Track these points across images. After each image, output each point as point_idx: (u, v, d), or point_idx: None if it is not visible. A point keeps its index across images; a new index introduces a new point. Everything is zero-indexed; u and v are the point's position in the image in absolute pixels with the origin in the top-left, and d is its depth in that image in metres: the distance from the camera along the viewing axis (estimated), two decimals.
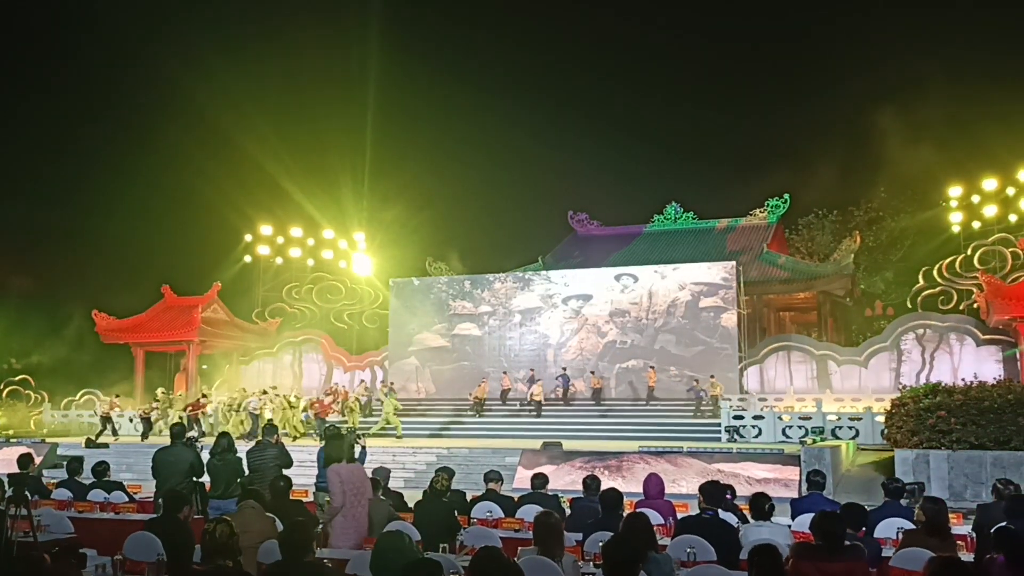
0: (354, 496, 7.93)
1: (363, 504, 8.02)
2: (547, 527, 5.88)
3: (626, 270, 32.30)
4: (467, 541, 7.73)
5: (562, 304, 32.06)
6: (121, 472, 19.23)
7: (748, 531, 7.46)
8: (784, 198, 40.77)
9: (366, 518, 7.96)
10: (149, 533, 6.84)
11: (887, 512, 8.26)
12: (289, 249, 39.93)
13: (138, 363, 33.88)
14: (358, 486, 8.02)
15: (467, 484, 12.81)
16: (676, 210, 42.27)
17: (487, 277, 33.91)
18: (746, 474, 17.18)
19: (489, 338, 32.56)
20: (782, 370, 29.95)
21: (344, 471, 8.03)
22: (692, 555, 6.60)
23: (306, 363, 36.35)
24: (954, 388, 17.17)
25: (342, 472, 8.02)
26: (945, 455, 16.35)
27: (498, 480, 9.85)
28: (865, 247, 39.49)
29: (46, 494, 10.96)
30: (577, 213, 44.76)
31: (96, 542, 7.78)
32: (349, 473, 8.05)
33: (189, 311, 33.12)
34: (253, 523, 6.98)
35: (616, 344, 31.20)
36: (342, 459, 8.23)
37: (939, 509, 7.01)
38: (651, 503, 8.69)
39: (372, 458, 14.11)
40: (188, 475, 10.01)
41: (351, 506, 7.89)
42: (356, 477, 8.08)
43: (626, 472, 17.67)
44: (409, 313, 33.68)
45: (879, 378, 28.46)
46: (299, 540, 5.39)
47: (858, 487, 16.75)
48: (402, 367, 33.12)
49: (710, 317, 30.21)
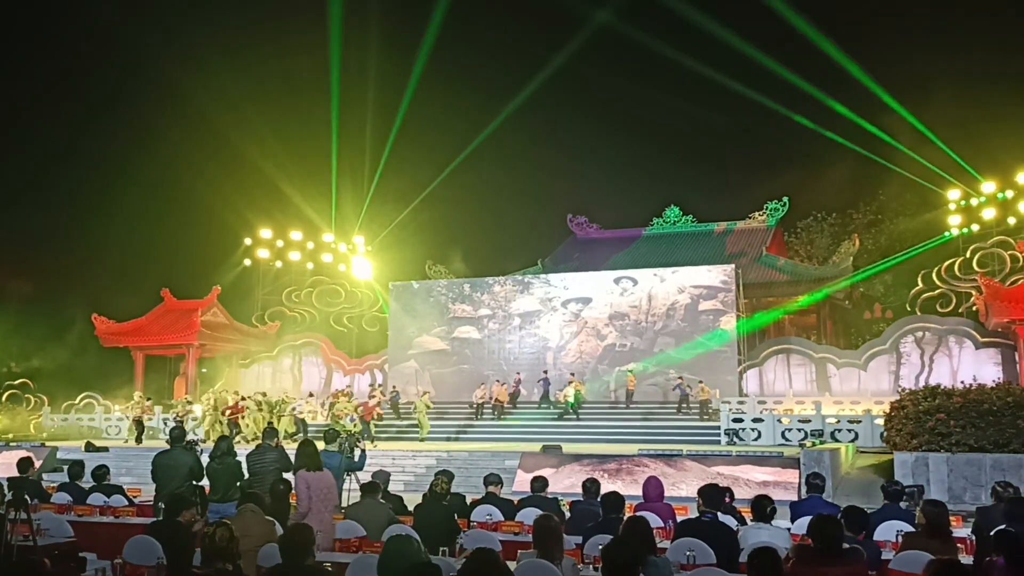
0: (320, 502, 8.34)
1: (329, 511, 8.41)
2: (547, 530, 5.88)
3: (625, 273, 32.31)
4: (467, 544, 7.73)
5: (561, 307, 32.07)
6: (121, 476, 19.26)
7: (747, 534, 7.47)
8: (783, 201, 40.83)
9: (332, 524, 8.26)
10: (149, 537, 6.84)
11: (886, 515, 8.26)
12: (289, 253, 39.94)
13: (138, 367, 33.88)
14: (325, 493, 8.43)
15: (467, 487, 12.82)
16: (675, 213, 42.32)
17: (486, 280, 33.93)
18: (745, 477, 17.18)
19: (489, 341, 32.56)
20: (781, 373, 29.96)
21: (312, 478, 8.48)
22: (692, 558, 6.60)
23: (306, 366, 36.35)
24: (953, 391, 17.19)
25: (310, 479, 8.47)
26: (944, 458, 16.37)
27: (498, 483, 9.86)
28: (864, 250, 39.50)
29: (46, 498, 10.96)
30: (576, 216, 44.80)
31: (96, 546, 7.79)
32: (317, 480, 8.49)
33: (189, 315, 33.13)
34: (253, 527, 6.98)
35: (615, 347, 31.20)
36: (311, 467, 8.67)
37: (940, 512, 7.01)
38: (651, 506, 8.70)
39: (372, 461, 14.12)
40: (188, 479, 10.02)
41: (317, 511, 8.27)
42: (324, 484, 8.49)
43: (626, 475, 17.68)
44: (409, 316, 33.70)
45: (878, 381, 28.47)
46: (299, 543, 5.39)
47: (857, 490, 16.76)
48: (402, 370, 33.12)
49: (709, 320, 30.22)
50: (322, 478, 8.58)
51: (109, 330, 33.67)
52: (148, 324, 34.10)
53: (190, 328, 32.58)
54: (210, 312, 33.81)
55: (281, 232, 40.04)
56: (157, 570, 6.20)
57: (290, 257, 40.00)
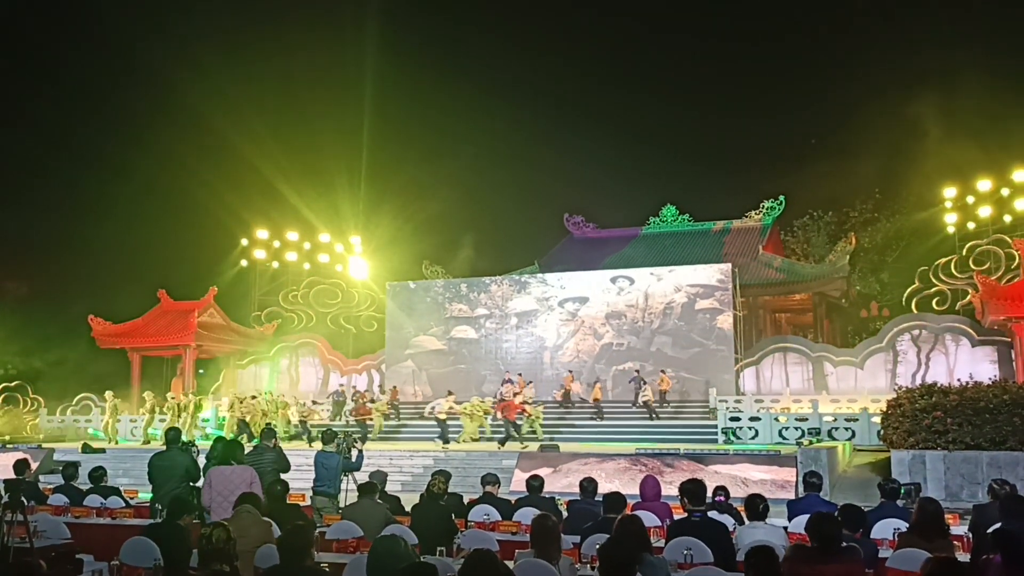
0: (221, 496, 8.58)
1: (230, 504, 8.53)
2: (544, 530, 5.88)
3: (622, 272, 32.32)
4: (464, 544, 7.73)
5: (558, 307, 32.08)
6: (118, 477, 19.20)
7: (743, 532, 7.48)
8: (779, 200, 40.89)
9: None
10: (146, 538, 6.83)
11: (884, 513, 8.28)
12: (285, 253, 39.91)
13: (134, 368, 33.82)
14: (231, 489, 8.56)
15: (464, 487, 12.80)
16: (672, 212, 42.35)
17: (483, 280, 33.92)
18: (742, 475, 17.19)
19: (486, 341, 32.56)
20: (778, 371, 29.98)
21: (218, 474, 8.80)
22: (689, 556, 6.61)
23: (303, 367, 36.32)
24: (950, 389, 17.20)
25: (215, 474, 8.82)
26: (941, 455, 16.39)
27: (495, 483, 9.86)
28: (860, 248, 39.57)
29: (42, 499, 10.96)
30: (573, 215, 44.82)
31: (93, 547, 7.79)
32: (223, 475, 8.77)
33: (185, 316, 33.08)
34: (250, 528, 6.97)
35: (612, 346, 31.21)
36: (230, 461, 9.02)
37: (935, 510, 7.02)
38: (648, 505, 8.72)
39: (369, 462, 14.10)
40: (183, 480, 10.02)
41: (217, 506, 8.51)
42: (232, 481, 8.67)
43: (623, 474, 17.68)
44: (405, 316, 33.69)
45: (875, 379, 28.49)
46: (299, 544, 5.39)
47: (854, 488, 16.77)
48: (399, 370, 33.11)
49: (706, 319, 30.24)
50: (234, 474, 8.81)
51: (106, 331, 33.61)
52: (145, 325, 34.05)
53: (187, 329, 32.54)
54: (207, 313, 33.77)
55: (278, 232, 40.00)
56: (154, 572, 6.19)
57: (287, 257, 39.98)
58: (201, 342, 33.22)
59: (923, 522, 6.95)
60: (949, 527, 7.49)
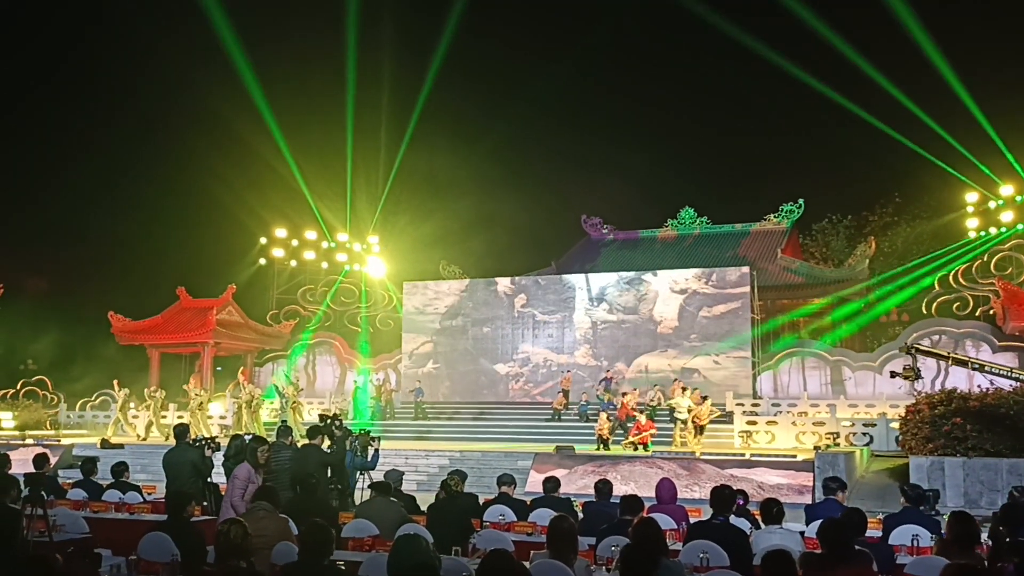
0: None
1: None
2: (561, 531, 5.88)
3: (639, 275, 32.23)
4: (480, 544, 7.74)
5: (575, 307, 32.03)
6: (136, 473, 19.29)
7: (759, 537, 7.45)
8: (798, 203, 40.62)
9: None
10: (163, 533, 6.87)
11: (907, 518, 8.19)
12: (304, 252, 40.03)
13: (153, 364, 34.03)
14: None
15: (479, 487, 12.81)
16: (690, 215, 42.19)
17: (500, 280, 33.93)
18: (759, 479, 17.12)
19: (502, 341, 32.56)
20: (796, 376, 29.81)
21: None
22: (705, 560, 6.58)
23: (320, 365, 36.49)
24: (970, 395, 17.09)
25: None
26: (960, 462, 16.25)
27: (511, 483, 9.86)
28: (880, 252, 39.26)
29: (62, 494, 11.04)
30: (591, 217, 44.69)
31: (111, 542, 7.84)
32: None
33: (204, 313, 33.26)
34: (267, 524, 7.00)
35: (628, 348, 31.13)
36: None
37: (969, 530, 6.41)
38: (664, 508, 8.69)
39: (384, 460, 14.14)
40: (192, 475, 10.12)
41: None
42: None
43: (639, 477, 17.65)
44: (422, 316, 33.75)
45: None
46: (320, 542, 5.40)
47: (872, 493, 16.68)
48: (415, 370, 33.16)
49: (724, 322, 30.10)
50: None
51: (125, 328, 33.86)
52: (164, 322, 34.26)
53: (205, 326, 32.70)
54: (225, 311, 33.93)
55: (296, 231, 40.12)
56: (171, 567, 6.22)
57: (305, 256, 40.09)
58: (219, 339, 33.38)
59: (955, 540, 6.54)
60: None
